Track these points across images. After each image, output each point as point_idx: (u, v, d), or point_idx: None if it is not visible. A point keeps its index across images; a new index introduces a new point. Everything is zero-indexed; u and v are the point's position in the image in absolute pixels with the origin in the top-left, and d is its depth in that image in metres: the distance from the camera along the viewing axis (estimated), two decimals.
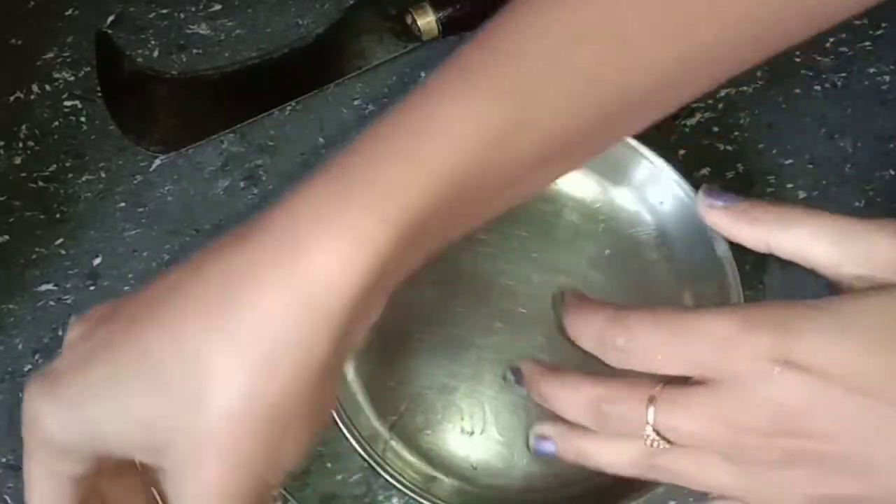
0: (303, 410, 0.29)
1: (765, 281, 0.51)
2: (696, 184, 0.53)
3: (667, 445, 0.33)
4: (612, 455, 0.36)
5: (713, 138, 0.54)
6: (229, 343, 0.28)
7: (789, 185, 0.53)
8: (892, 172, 0.53)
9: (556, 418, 0.37)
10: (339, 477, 0.47)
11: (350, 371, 0.47)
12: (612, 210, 0.51)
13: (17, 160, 0.54)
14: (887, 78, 0.55)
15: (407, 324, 0.48)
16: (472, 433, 0.47)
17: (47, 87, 0.56)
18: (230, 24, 0.58)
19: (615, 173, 0.51)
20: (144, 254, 0.52)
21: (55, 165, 0.54)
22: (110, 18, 0.58)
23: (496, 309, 0.49)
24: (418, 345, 0.48)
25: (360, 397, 0.47)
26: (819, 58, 0.56)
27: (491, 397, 0.47)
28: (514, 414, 0.47)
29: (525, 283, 0.49)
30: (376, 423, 0.47)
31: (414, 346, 0.48)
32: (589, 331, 0.35)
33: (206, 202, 0.53)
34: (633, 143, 0.49)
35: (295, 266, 0.28)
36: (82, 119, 0.55)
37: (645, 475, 0.36)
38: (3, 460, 0.48)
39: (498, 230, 0.50)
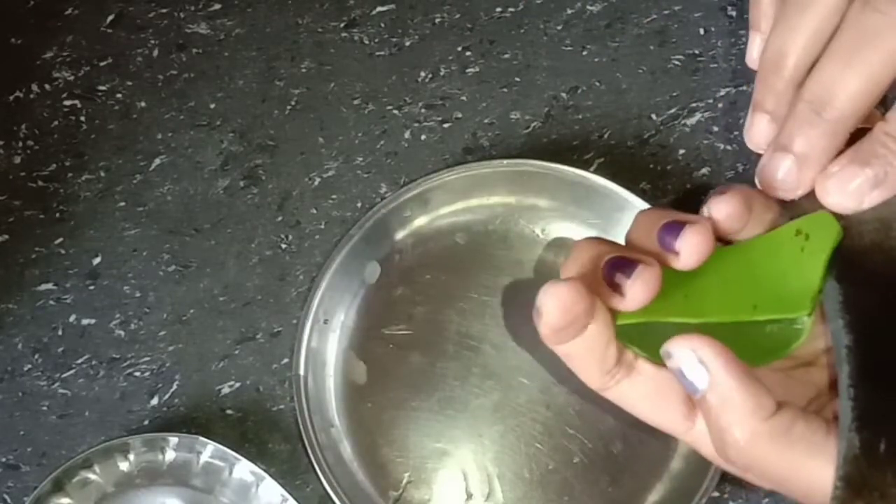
0: None
1: None
2: (696, 182, 0.53)
3: None
4: None
5: (713, 138, 0.54)
6: None
7: None
8: None
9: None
10: None
11: (348, 449, 0.47)
12: None
13: (17, 160, 0.54)
14: None
15: (399, 394, 0.48)
16: (477, 498, 0.46)
17: (47, 87, 0.56)
18: (230, 23, 0.58)
19: (611, 227, 0.50)
20: (144, 253, 0.52)
21: (55, 165, 0.54)
22: (110, 18, 0.58)
23: (487, 367, 0.48)
24: (413, 413, 0.48)
25: (361, 475, 0.47)
26: None
27: (492, 458, 0.47)
28: (517, 473, 0.46)
29: (515, 337, 0.49)
30: (380, 501, 0.46)
31: (409, 415, 0.48)
32: None
33: (205, 201, 0.53)
34: (627, 194, 0.49)
35: None
36: (82, 119, 0.55)
37: None
38: (3, 460, 0.48)
39: (482, 286, 0.49)
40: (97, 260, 0.52)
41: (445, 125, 0.54)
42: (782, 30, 0.34)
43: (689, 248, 0.32)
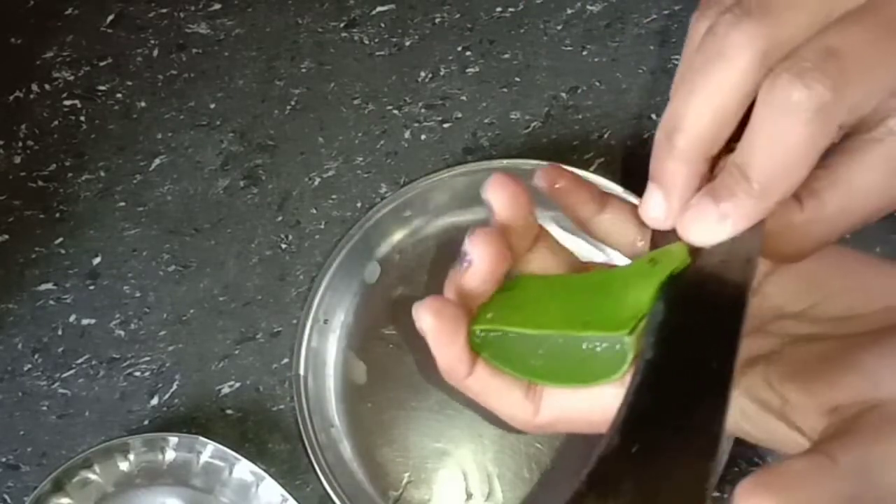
0: None
1: None
2: None
3: None
4: None
5: None
6: None
7: None
8: None
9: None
10: None
11: (348, 449, 0.47)
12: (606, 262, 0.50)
13: (17, 159, 0.54)
14: None
15: (399, 394, 0.48)
16: (477, 498, 0.46)
17: (47, 87, 0.56)
18: (230, 23, 0.58)
19: None
20: (144, 253, 0.52)
21: (55, 165, 0.54)
22: (110, 18, 0.58)
23: None
24: (413, 413, 0.48)
25: (361, 475, 0.47)
26: None
27: (492, 458, 0.47)
28: (517, 473, 0.46)
29: None
30: (379, 501, 0.46)
31: (409, 415, 0.48)
32: None
33: (205, 201, 0.53)
34: (627, 194, 0.48)
35: None
36: (82, 118, 0.55)
37: None
38: (3, 460, 0.48)
39: None
40: (97, 260, 0.52)
41: (445, 125, 0.54)
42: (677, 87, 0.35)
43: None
